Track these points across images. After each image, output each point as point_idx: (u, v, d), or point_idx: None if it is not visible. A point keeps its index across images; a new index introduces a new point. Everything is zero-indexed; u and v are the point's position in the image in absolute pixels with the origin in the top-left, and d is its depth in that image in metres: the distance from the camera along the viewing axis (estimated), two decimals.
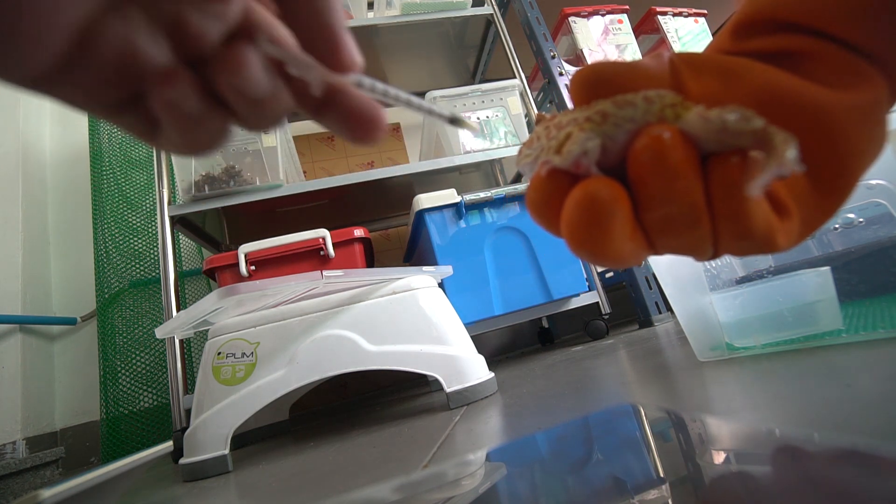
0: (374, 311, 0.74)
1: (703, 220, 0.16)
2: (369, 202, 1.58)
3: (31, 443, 1.25)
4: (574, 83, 0.18)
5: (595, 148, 0.16)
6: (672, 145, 0.15)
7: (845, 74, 0.19)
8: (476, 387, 0.73)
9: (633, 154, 0.16)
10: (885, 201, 0.41)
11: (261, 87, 0.15)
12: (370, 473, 0.45)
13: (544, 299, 1.14)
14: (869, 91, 0.19)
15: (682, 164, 0.15)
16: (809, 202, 0.18)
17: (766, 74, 0.18)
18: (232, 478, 0.63)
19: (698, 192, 0.16)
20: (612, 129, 0.16)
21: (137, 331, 1.36)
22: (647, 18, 1.65)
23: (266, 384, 0.69)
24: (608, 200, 0.16)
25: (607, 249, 0.16)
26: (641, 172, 0.16)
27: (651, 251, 0.18)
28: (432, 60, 1.70)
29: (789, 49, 0.19)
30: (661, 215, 0.16)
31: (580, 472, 0.31)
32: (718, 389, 0.42)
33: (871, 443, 0.23)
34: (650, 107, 0.16)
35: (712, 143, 0.16)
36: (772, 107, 0.17)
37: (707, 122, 0.15)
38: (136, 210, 1.47)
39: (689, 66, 0.18)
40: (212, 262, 1.04)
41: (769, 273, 0.57)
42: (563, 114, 0.17)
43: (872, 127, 0.19)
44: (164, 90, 0.15)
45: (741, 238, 0.16)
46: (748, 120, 0.15)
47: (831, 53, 0.19)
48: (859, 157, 0.18)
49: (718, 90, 0.18)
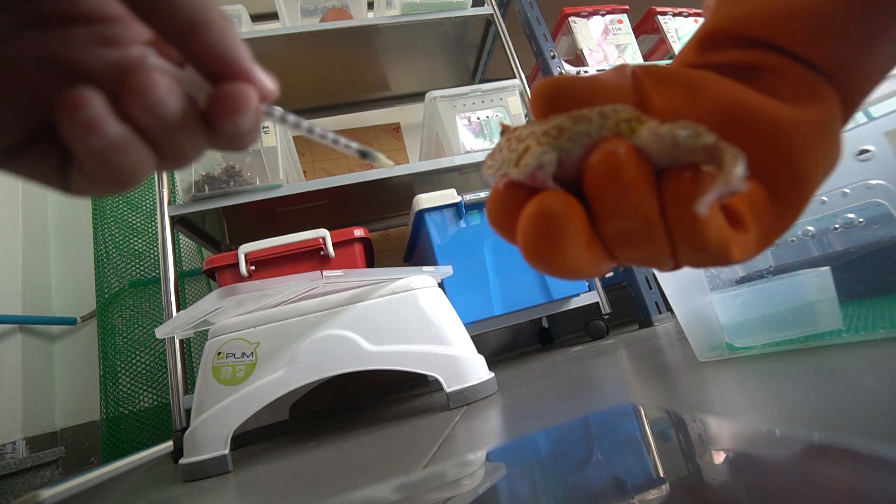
0: (374, 311, 0.74)
1: (658, 233, 0.16)
2: (369, 202, 1.58)
3: (31, 443, 1.25)
4: (533, 97, 0.18)
5: (550, 162, 0.16)
6: (625, 160, 0.15)
7: (802, 90, 0.19)
8: (476, 387, 0.73)
9: (588, 169, 0.16)
10: (885, 201, 0.41)
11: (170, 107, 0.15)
12: (370, 473, 0.45)
13: (544, 299, 1.14)
14: (823, 107, 0.19)
15: (636, 178, 0.16)
16: (766, 215, 0.18)
17: (726, 89, 0.18)
18: (232, 478, 0.63)
19: (652, 206, 0.16)
20: (568, 143, 0.16)
21: (137, 331, 1.36)
22: (647, 18, 1.65)
23: (266, 384, 0.69)
24: (561, 215, 0.16)
25: (561, 262, 0.16)
26: (596, 187, 0.16)
27: (614, 262, 0.18)
28: (432, 60, 1.70)
29: (750, 63, 0.20)
30: (617, 228, 0.16)
31: (580, 472, 0.31)
32: (718, 389, 0.42)
33: (871, 443, 0.23)
34: (605, 122, 0.16)
35: (666, 158, 0.16)
36: (730, 120, 0.18)
37: (659, 137, 0.15)
38: (136, 210, 1.47)
39: (652, 79, 0.18)
40: (212, 262, 1.04)
41: (769, 273, 0.57)
42: (524, 126, 0.17)
43: (826, 142, 0.19)
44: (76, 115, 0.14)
45: (697, 250, 0.16)
46: (698, 136, 0.15)
47: (789, 69, 0.19)
48: (813, 171, 0.19)
49: (681, 103, 0.18)
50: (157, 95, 0.15)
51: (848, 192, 0.43)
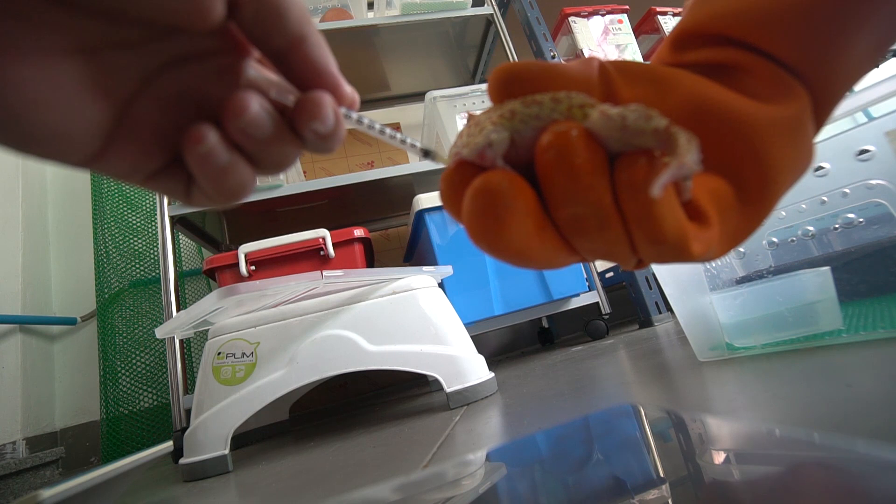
0: (374, 311, 0.74)
1: (611, 220, 0.16)
2: (369, 202, 1.58)
3: (31, 443, 1.25)
4: (490, 82, 0.18)
5: (500, 141, 0.16)
6: (575, 142, 0.15)
7: (773, 88, 0.19)
8: (476, 387, 0.73)
9: (538, 150, 0.16)
10: (885, 201, 0.41)
11: (263, 126, 0.17)
12: (370, 473, 0.45)
13: (544, 299, 1.14)
14: (794, 106, 0.19)
15: (586, 161, 0.15)
16: (732, 213, 0.18)
17: (695, 84, 0.18)
18: (232, 478, 0.63)
19: (603, 190, 0.15)
20: (520, 125, 0.16)
21: (137, 331, 1.36)
22: (647, 18, 1.65)
23: (266, 384, 0.69)
24: (504, 192, 0.15)
25: (505, 242, 0.16)
26: (546, 168, 0.16)
27: (573, 254, 0.18)
28: (432, 60, 1.70)
29: (722, 61, 0.20)
30: (569, 214, 0.16)
31: (580, 473, 0.31)
32: (718, 389, 0.42)
33: (871, 443, 0.23)
34: (557, 106, 0.16)
35: (617, 143, 0.15)
36: (698, 115, 0.18)
37: (608, 119, 0.15)
38: (136, 210, 1.47)
39: (622, 74, 0.18)
40: (212, 262, 1.04)
41: (769, 273, 0.57)
42: (483, 112, 0.17)
43: (796, 141, 0.19)
44: (196, 148, 0.16)
45: (653, 242, 0.16)
46: (649, 119, 0.15)
47: (761, 67, 0.19)
48: (782, 169, 0.19)
49: (649, 98, 0.18)
50: (251, 117, 0.16)
51: (848, 192, 0.43)
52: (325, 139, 0.18)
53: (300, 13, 0.17)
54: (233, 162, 0.17)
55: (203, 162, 0.17)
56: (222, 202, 0.18)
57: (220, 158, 0.17)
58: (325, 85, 0.18)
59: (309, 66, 0.18)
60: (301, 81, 0.18)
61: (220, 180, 0.17)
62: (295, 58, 0.17)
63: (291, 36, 0.17)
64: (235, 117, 0.16)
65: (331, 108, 0.18)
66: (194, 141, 0.16)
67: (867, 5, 0.19)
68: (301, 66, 0.18)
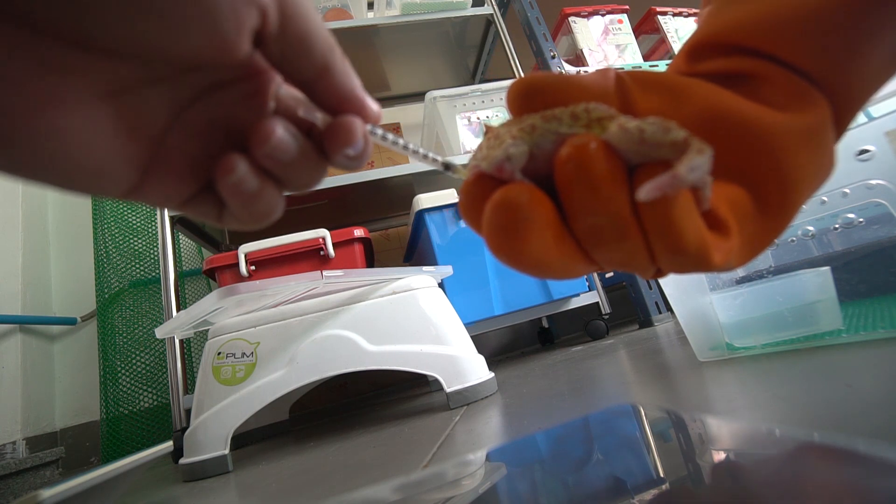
0: (373, 311, 0.74)
1: (630, 231, 0.16)
2: (369, 202, 1.58)
3: (31, 443, 1.25)
4: (508, 95, 0.18)
5: (519, 154, 0.16)
6: (594, 154, 0.15)
7: (791, 97, 0.19)
8: (476, 387, 0.72)
9: (557, 163, 0.16)
10: (885, 201, 0.41)
11: (289, 149, 0.17)
12: (370, 473, 0.45)
13: (544, 299, 1.14)
14: (813, 114, 0.19)
15: (604, 172, 0.15)
16: (752, 222, 0.18)
17: (712, 94, 0.18)
18: (232, 478, 0.63)
19: (622, 202, 0.16)
20: (540, 139, 0.16)
21: (137, 331, 1.36)
22: (647, 18, 1.65)
23: (266, 384, 0.69)
24: (524, 204, 0.16)
25: (525, 255, 0.16)
26: (565, 180, 0.16)
27: (592, 265, 0.18)
28: (432, 60, 1.70)
29: (739, 71, 0.20)
30: (588, 225, 0.16)
31: (580, 472, 0.31)
32: (718, 389, 0.42)
33: (871, 443, 0.23)
34: (575, 122, 0.16)
35: (636, 155, 0.15)
36: (716, 124, 0.18)
37: (626, 132, 0.15)
38: (136, 210, 1.47)
39: (638, 84, 0.18)
40: (212, 262, 1.04)
41: (769, 273, 0.57)
42: (502, 125, 0.17)
43: (816, 150, 0.19)
44: (227, 178, 0.17)
45: (673, 252, 0.16)
46: (667, 131, 0.15)
47: (778, 76, 0.19)
48: (802, 178, 0.19)
49: (665, 108, 0.18)
50: (276, 142, 0.17)
51: (848, 192, 0.43)
52: (355, 160, 0.18)
53: (325, 44, 0.17)
54: (262, 187, 0.17)
55: (234, 190, 0.17)
56: (252, 225, 0.19)
57: (250, 185, 0.17)
58: (352, 108, 0.18)
59: (335, 92, 0.18)
60: (328, 106, 0.18)
61: (250, 206, 0.18)
62: (321, 86, 0.18)
63: (318, 67, 0.17)
64: (261, 143, 0.17)
65: (360, 132, 0.18)
66: (225, 171, 0.17)
67: (885, 11, 0.18)
68: (327, 93, 0.18)
